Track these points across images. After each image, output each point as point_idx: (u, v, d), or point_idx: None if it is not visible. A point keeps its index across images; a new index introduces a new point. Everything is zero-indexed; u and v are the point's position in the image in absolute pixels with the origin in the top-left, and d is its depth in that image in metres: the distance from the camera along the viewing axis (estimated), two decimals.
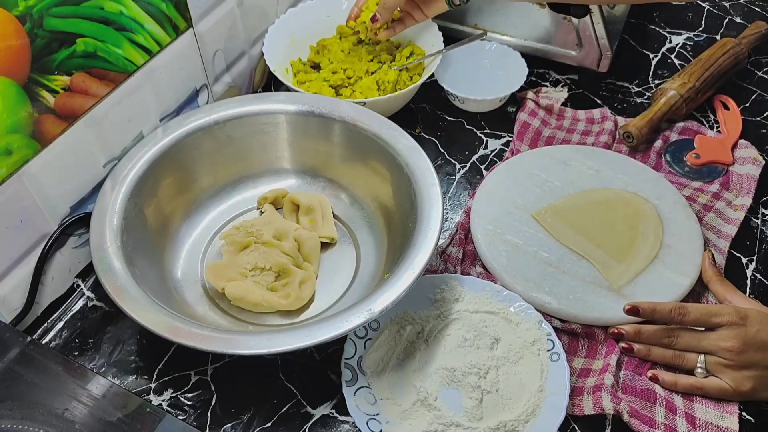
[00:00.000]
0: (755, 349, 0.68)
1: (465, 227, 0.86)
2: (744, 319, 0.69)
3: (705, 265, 0.78)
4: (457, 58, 1.05)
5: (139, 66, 0.78)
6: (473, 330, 0.73)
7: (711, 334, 0.70)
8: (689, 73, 0.98)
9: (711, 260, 0.78)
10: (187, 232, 0.83)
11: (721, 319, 0.69)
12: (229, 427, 0.69)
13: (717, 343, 0.69)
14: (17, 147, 0.67)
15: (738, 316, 0.69)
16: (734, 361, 0.68)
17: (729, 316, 0.69)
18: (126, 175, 0.77)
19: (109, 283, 0.67)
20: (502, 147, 0.98)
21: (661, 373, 0.71)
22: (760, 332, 0.68)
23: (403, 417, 0.68)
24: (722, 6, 1.21)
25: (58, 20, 0.67)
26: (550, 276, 0.79)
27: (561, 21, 1.01)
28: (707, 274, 0.78)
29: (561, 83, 1.07)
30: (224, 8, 0.88)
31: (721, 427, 0.68)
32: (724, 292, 0.75)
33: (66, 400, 0.58)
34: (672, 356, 0.71)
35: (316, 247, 0.81)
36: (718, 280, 0.76)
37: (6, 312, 0.73)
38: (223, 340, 0.64)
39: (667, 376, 0.71)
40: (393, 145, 0.80)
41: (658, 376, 0.71)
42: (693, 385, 0.70)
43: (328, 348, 0.75)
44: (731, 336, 0.68)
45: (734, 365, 0.68)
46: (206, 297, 0.78)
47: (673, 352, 0.71)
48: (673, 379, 0.71)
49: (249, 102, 0.85)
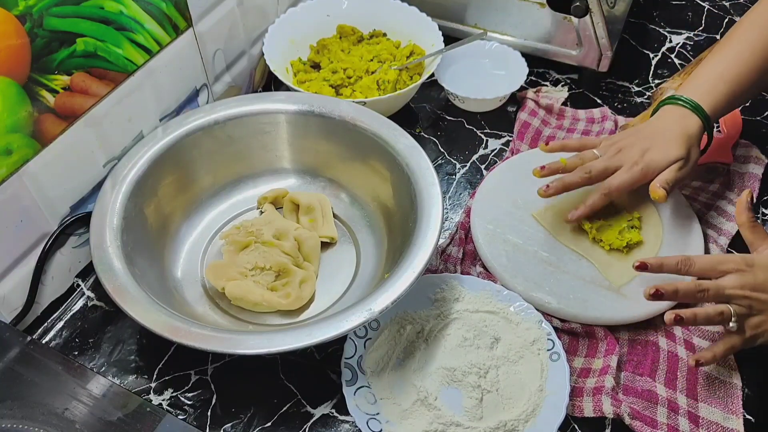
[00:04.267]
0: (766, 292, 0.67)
1: (465, 227, 0.86)
2: (750, 266, 0.68)
3: (741, 207, 0.73)
4: (457, 58, 1.05)
5: (139, 66, 0.78)
6: (473, 329, 0.73)
7: (725, 281, 0.68)
8: (689, 73, 0.98)
9: (748, 203, 0.73)
10: (187, 232, 0.83)
11: (726, 266, 0.68)
12: (229, 427, 0.70)
13: (733, 291, 0.67)
14: (17, 147, 0.67)
15: (744, 263, 0.68)
16: (747, 309, 0.67)
17: (734, 263, 0.68)
18: (126, 174, 0.77)
19: (109, 283, 0.67)
20: (503, 146, 0.98)
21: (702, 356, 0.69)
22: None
23: (403, 416, 0.68)
24: (722, 6, 1.21)
25: (58, 20, 0.67)
26: (550, 275, 0.79)
27: (561, 21, 1.01)
28: (741, 217, 0.73)
29: (561, 83, 1.07)
30: (224, 8, 0.88)
31: (727, 427, 0.68)
32: (753, 238, 0.72)
33: (66, 399, 0.58)
34: (714, 314, 0.68)
35: (316, 247, 0.81)
36: (750, 225, 0.72)
37: (6, 312, 0.73)
38: (223, 340, 0.64)
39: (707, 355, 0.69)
40: (393, 145, 0.80)
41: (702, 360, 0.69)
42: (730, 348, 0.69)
43: (328, 347, 0.75)
44: (739, 281, 0.67)
45: (747, 312, 0.67)
46: (206, 297, 0.78)
47: (714, 309, 0.68)
48: (712, 355, 0.69)
49: (249, 102, 0.85)
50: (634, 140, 0.80)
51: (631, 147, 0.80)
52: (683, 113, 0.80)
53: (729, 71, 0.81)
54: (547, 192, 0.79)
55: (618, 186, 0.79)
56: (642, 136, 0.80)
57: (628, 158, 0.79)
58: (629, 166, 0.79)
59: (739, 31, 0.83)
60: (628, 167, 0.79)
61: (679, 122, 0.79)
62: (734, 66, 0.81)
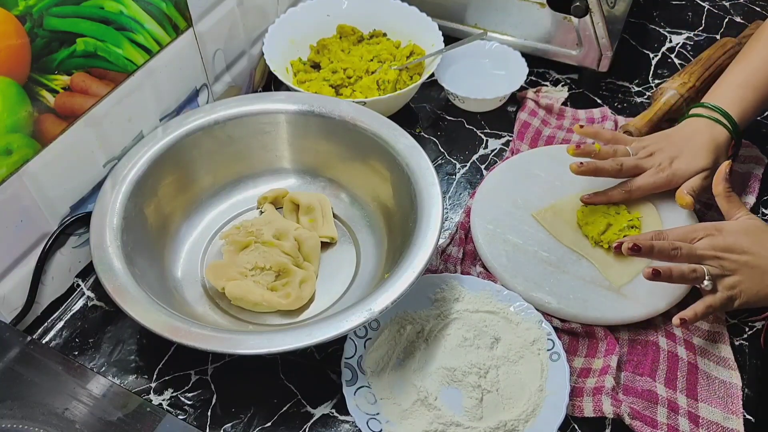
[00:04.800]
0: (737, 253, 0.70)
1: (465, 227, 0.86)
2: (719, 230, 0.72)
3: (719, 178, 0.75)
4: (457, 58, 1.05)
5: (139, 66, 0.78)
6: (473, 329, 0.73)
7: (697, 243, 0.71)
8: (689, 73, 0.98)
9: (726, 174, 0.75)
10: (187, 232, 0.83)
11: (697, 233, 0.72)
12: (229, 427, 0.69)
13: (704, 251, 0.70)
14: (17, 147, 0.67)
15: (714, 228, 0.72)
16: (720, 269, 0.70)
17: (705, 230, 0.72)
18: (126, 174, 0.77)
19: (109, 283, 0.67)
20: (503, 146, 0.98)
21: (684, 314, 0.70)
22: (738, 240, 0.70)
23: (403, 416, 0.68)
24: (722, 6, 1.21)
25: (58, 20, 0.67)
26: (550, 275, 0.79)
27: (561, 21, 1.01)
28: (718, 187, 0.75)
29: (561, 83, 1.07)
30: (224, 8, 0.88)
31: (727, 427, 0.68)
32: (729, 207, 0.75)
33: (66, 399, 0.58)
34: (688, 271, 0.70)
35: (316, 247, 0.81)
36: (725, 195, 0.75)
37: (6, 311, 0.73)
38: (223, 340, 0.64)
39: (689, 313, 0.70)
40: (393, 145, 0.80)
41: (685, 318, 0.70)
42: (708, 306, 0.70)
43: (329, 347, 0.75)
44: (709, 243, 0.71)
45: (720, 273, 0.70)
46: (206, 296, 0.78)
47: (688, 267, 0.71)
48: (693, 313, 0.70)
49: (249, 102, 0.85)
50: (664, 146, 0.83)
51: (661, 152, 0.82)
52: (712, 122, 0.82)
53: (755, 77, 0.82)
54: (580, 168, 0.81)
55: (640, 187, 0.82)
56: (670, 143, 0.82)
57: (657, 163, 0.82)
58: (656, 170, 0.82)
59: (763, 37, 0.84)
60: (654, 171, 0.82)
61: (708, 130, 0.81)
62: (759, 72, 0.82)
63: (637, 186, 0.82)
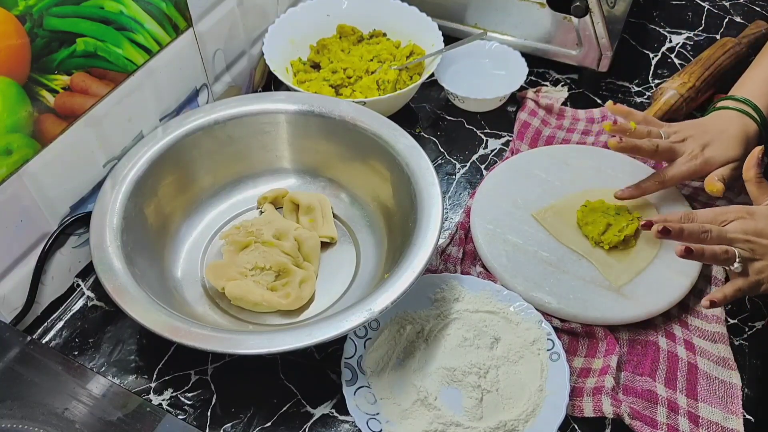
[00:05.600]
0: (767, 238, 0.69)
1: (465, 227, 0.86)
2: (751, 214, 0.71)
3: (750, 163, 0.75)
4: (457, 58, 1.05)
5: (139, 66, 0.78)
6: (473, 329, 0.73)
7: (728, 226, 0.71)
8: (689, 73, 0.98)
9: (759, 159, 0.75)
10: (187, 232, 0.83)
11: (727, 216, 0.71)
12: (229, 427, 0.70)
13: (735, 234, 0.69)
14: (17, 147, 0.67)
15: (745, 211, 0.71)
16: (750, 252, 0.69)
17: (735, 213, 0.71)
18: (126, 174, 0.77)
19: (109, 283, 0.67)
20: (502, 146, 0.98)
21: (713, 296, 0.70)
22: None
23: (403, 416, 0.68)
24: (722, 6, 1.21)
25: (58, 20, 0.67)
26: (550, 275, 0.79)
27: (561, 21, 1.01)
28: (749, 172, 0.74)
29: (561, 83, 1.07)
30: (224, 8, 0.88)
31: (727, 427, 0.68)
32: (759, 193, 0.74)
33: (66, 399, 0.58)
34: (720, 252, 0.70)
35: (316, 247, 0.81)
36: (756, 181, 0.74)
37: (6, 311, 0.73)
38: (223, 340, 0.64)
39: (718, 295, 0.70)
40: (393, 145, 0.80)
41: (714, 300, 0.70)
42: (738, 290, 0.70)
43: (328, 347, 0.75)
44: (741, 226, 0.70)
45: (751, 257, 0.69)
46: (206, 296, 0.78)
47: (720, 248, 0.70)
48: (723, 295, 0.70)
49: (249, 102, 0.85)
50: (696, 133, 0.82)
51: (693, 139, 0.82)
52: (741, 114, 0.82)
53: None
54: (620, 144, 0.81)
55: (675, 176, 0.82)
56: (702, 131, 0.82)
57: (690, 150, 0.81)
58: (688, 158, 0.81)
59: None
60: (686, 159, 0.81)
61: (738, 122, 0.82)
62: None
63: (671, 175, 0.82)
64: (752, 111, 0.82)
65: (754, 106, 0.82)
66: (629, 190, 0.84)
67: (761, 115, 0.82)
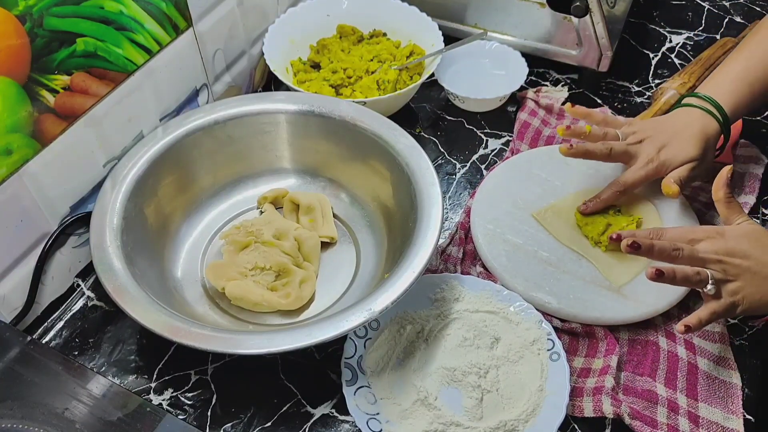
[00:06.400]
0: (739, 258, 0.68)
1: (465, 227, 0.86)
2: (721, 234, 0.69)
3: (720, 183, 0.72)
4: (457, 58, 1.05)
5: (139, 65, 0.78)
6: (473, 329, 0.73)
7: (698, 246, 0.69)
8: (689, 73, 0.98)
9: (727, 180, 0.72)
10: (187, 232, 0.83)
11: (696, 235, 0.70)
12: (229, 427, 0.70)
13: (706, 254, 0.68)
14: (17, 147, 0.67)
15: (715, 231, 0.70)
16: (722, 273, 0.68)
17: (705, 232, 0.70)
18: (126, 174, 0.77)
19: (109, 283, 0.67)
20: (503, 146, 0.98)
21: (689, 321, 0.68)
22: (740, 244, 0.68)
23: (403, 416, 0.68)
24: (722, 6, 1.21)
25: (58, 20, 0.67)
26: (550, 275, 0.79)
27: (561, 20, 1.01)
28: (718, 193, 0.72)
29: (561, 83, 1.07)
30: (224, 8, 0.88)
31: (727, 427, 0.68)
32: (728, 213, 0.72)
33: (66, 399, 0.58)
34: (692, 273, 0.68)
35: (316, 247, 0.81)
36: (726, 201, 0.72)
37: (6, 311, 0.73)
38: (223, 340, 0.64)
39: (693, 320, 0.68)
40: (393, 145, 0.80)
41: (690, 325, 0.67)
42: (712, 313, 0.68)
43: (329, 347, 0.75)
44: (712, 247, 0.68)
45: (723, 278, 0.68)
46: (206, 296, 0.78)
47: (692, 269, 0.68)
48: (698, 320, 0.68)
49: (249, 102, 0.85)
50: (654, 134, 0.81)
51: (650, 141, 0.81)
52: (703, 112, 0.81)
53: (750, 73, 0.81)
54: (570, 151, 0.80)
55: (633, 183, 0.81)
56: (660, 130, 0.81)
57: (645, 153, 0.80)
58: (644, 162, 0.80)
59: (761, 33, 0.84)
60: (643, 164, 0.80)
61: (699, 121, 0.80)
62: (756, 67, 0.81)
63: (628, 183, 0.81)
64: (715, 110, 0.80)
65: (717, 105, 0.80)
66: (591, 203, 0.83)
67: (724, 114, 0.80)
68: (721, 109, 0.80)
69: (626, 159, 0.81)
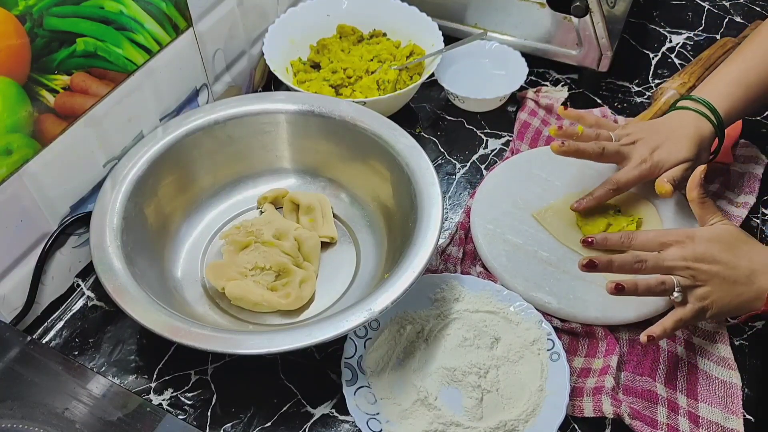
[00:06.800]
0: (708, 263, 0.68)
1: (465, 227, 0.86)
2: (691, 238, 0.69)
3: (693, 183, 0.73)
4: (457, 58, 1.05)
5: (139, 65, 0.78)
6: (473, 329, 0.73)
7: (666, 253, 0.69)
8: (689, 73, 0.98)
9: (701, 180, 0.73)
10: (187, 232, 0.83)
11: (666, 239, 0.70)
12: (229, 427, 0.70)
13: (673, 262, 0.68)
14: (17, 146, 0.67)
15: (685, 235, 0.70)
16: (691, 279, 0.68)
17: (675, 236, 0.70)
18: (126, 174, 0.77)
19: (109, 283, 0.67)
20: (502, 146, 0.98)
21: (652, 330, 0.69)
22: (710, 249, 0.68)
23: (403, 416, 0.68)
24: (722, 6, 1.21)
25: (58, 20, 0.67)
26: (550, 275, 0.79)
27: (561, 20, 1.01)
28: (692, 193, 0.73)
29: (561, 83, 1.07)
30: (224, 8, 0.88)
31: (727, 427, 0.68)
32: (703, 213, 0.73)
33: (66, 399, 0.58)
34: (655, 284, 0.69)
35: (316, 247, 0.81)
36: (699, 201, 0.73)
37: (6, 311, 0.73)
38: (223, 340, 0.64)
39: (657, 329, 0.68)
40: (393, 145, 0.80)
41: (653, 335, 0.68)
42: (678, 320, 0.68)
43: (329, 347, 0.75)
44: (680, 253, 0.68)
45: (692, 284, 0.68)
46: (206, 296, 0.78)
47: (655, 279, 0.69)
48: (662, 329, 0.68)
49: (249, 102, 0.85)
50: (647, 135, 0.81)
51: (643, 142, 0.81)
52: (698, 115, 0.80)
53: (747, 76, 0.81)
54: (561, 148, 0.79)
55: (626, 182, 0.80)
56: (654, 132, 0.81)
57: (639, 153, 0.80)
58: (638, 162, 0.80)
59: (760, 36, 0.84)
60: (636, 163, 0.80)
61: (693, 123, 0.80)
62: (753, 71, 0.81)
63: (622, 181, 0.80)
64: (709, 113, 0.80)
65: (712, 108, 0.80)
66: (585, 201, 0.83)
67: (719, 117, 0.80)
68: (715, 112, 0.80)
69: (619, 159, 0.81)
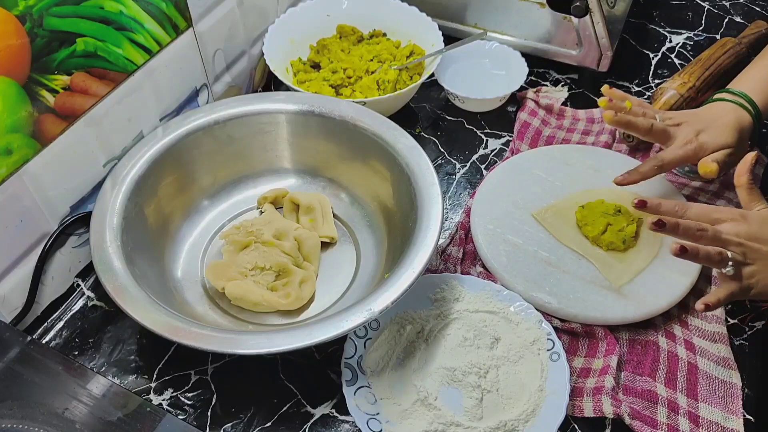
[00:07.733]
0: (760, 243, 0.68)
1: (465, 227, 0.86)
2: (744, 217, 0.70)
3: (743, 168, 0.73)
4: (457, 58, 1.05)
5: (139, 65, 0.78)
6: (473, 329, 0.73)
7: (722, 226, 0.70)
8: (689, 73, 0.98)
9: (751, 166, 0.73)
10: (187, 232, 0.83)
11: (720, 215, 0.70)
12: (229, 427, 0.70)
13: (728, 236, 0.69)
14: (17, 146, 0.67)
15: (738, 214, 0.70)
16: (742, 256, 0.68)
17: (729, 213, 0.71)
18: (126, 174, 0.77)
19: (110, 283, 0.67)
20: (502, 146, 0.98)
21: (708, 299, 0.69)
22: (762, 229, 0.69)
23: (403, 416, 0.68)
24: (722, 5, 1.21)
25: (58, 20, 0.67)
26: (550, 275, 0.79)
27: (561, 20, 1.01)
28: (741, 178, 0.73)
29: (561, 83, 1.07)
30: (224, 8, 0.88)
31: (727, 427, 0.68)
32: (749, 199, 0.73)
33: (66, 399, 0.58)
34: (715, 253, 0.69)
35: (316, 247, 0.81)
36: (748, 187, 0.73)
37: (6, 311, 0.73)
38: (223, 340, 0.64)
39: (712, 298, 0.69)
40: (393, 145, 0.80)
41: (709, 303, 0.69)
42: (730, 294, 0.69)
43: (329, 347, 0.75)
44: (734, 228, 0.69)
45: (742, 260, 0.69)
46: (206, 296, 0.78)
47: (715, 249, 0.69)
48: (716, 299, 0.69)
49: (249, 102, 0.85)
50: (690, 120, 0.83)
51: (687, 125, 0.82)
52: (736, 106, 0.82)
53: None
54: (614, 119, 0.80)
55: (671, 160, 0.81)
56: (697, 119, 0.83)
57: (684, 134, 0.81)
58: (683, 142, 0.81)
59: None
60: (681, 144, 0.81)
61: (733, 112, 0.82)
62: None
63: (667, 159, 0.81)
64: (747, 104, 0.82)
65: (750, 99, 0.82)
66: (628, 175, 0.83)
67: (756, 109, 0.82)
68: (753, 104, 0.82)
69: (664, 138, 0.82)
